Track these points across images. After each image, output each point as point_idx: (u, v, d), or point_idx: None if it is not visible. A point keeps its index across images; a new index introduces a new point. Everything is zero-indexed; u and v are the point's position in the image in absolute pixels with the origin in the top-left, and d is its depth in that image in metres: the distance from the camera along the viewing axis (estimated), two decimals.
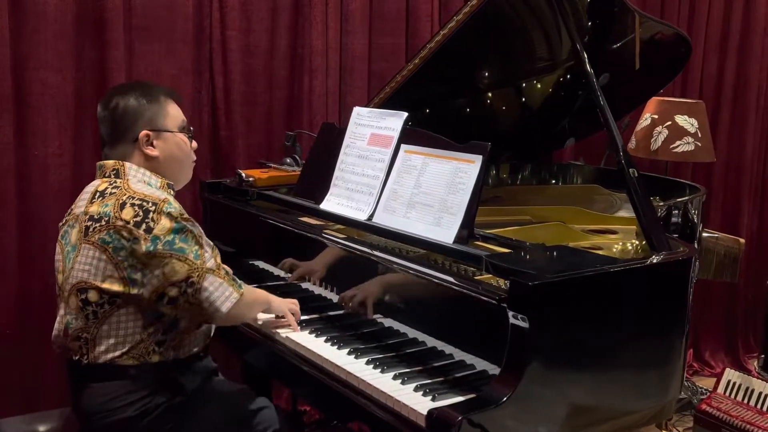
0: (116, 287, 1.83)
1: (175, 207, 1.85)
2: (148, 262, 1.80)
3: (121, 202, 1.84)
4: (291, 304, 2.11)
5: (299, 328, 2.07)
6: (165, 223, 1.81)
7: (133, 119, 1.93)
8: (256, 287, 2.27)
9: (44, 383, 2.66)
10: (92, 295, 1.85)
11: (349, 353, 1.90)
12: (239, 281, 1.94)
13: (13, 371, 2.64)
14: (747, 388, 3.18)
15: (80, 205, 1.94)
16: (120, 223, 1.81)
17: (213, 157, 2.99)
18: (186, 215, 1.87)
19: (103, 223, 1.83)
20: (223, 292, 1.87)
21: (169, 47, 2.80)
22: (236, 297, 1.89)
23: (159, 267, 1.81)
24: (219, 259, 1.92)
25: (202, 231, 1.91)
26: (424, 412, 1.59)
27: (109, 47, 2.66)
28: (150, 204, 1.83)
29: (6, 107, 2.53)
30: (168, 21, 2.78)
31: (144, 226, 1.80)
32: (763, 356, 3.45)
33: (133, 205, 1.83)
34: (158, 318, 1.88)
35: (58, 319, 1.96)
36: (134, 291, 1.83)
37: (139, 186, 1.90)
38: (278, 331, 2.06)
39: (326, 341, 1.98)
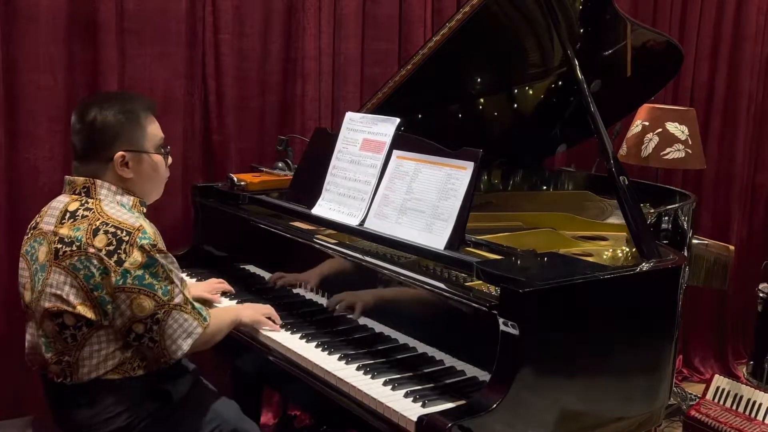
0: (89, 314, 1.78)
1: (148, 237, 1.79)
2: (116, 296, 1.77)
3: (94, 227, 1.78)
4: (263, 309, 2.10)
5: (281, 329, 2.07)
6: (137, 256, 1.77)
7: (110, 138, 1.86)
8: (239, 301, 2.28)
9: (31, 388, 2.64)
10: (68, 319, 1.80)
11: (340, 359, 1.90)
12: (205, 313, 1.90)
13: (0, 376, 2.63)
14: (736, 395, 3.19)
15: (48, 221, 1.87)
16: (92, 250, 1.76)
17: (205, 161, 2.99)
18: (158, 246, 1.81)
19: (75, 248, 1.78)
20: (186, 328, 1.84)
21: (162, 51, 2.79)
22: (199, 332, 1.85)
23: (126, 302, 1.77)
24: (187, 291, 1.87)
25: (173, 260, 1.86)
26: (414, 419, 1.59)
27: (102, 50, 2.65)
28: (124, 233, 1.77)
29: None
30: (161, 24, 2.77)
31: (116, 257, 1.76)
32: (752, 363, 3.46)
33: (106, 232, 1.77)
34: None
35: (28, 337, 1.92)
36: (105, 322, 1.80)
37: (113, 209, 1.83)
38: (268, 336, 2.06)
39: (317, 347, 1.98)
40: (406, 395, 1.71)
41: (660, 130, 3.36)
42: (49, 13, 2.57)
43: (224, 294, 2.37)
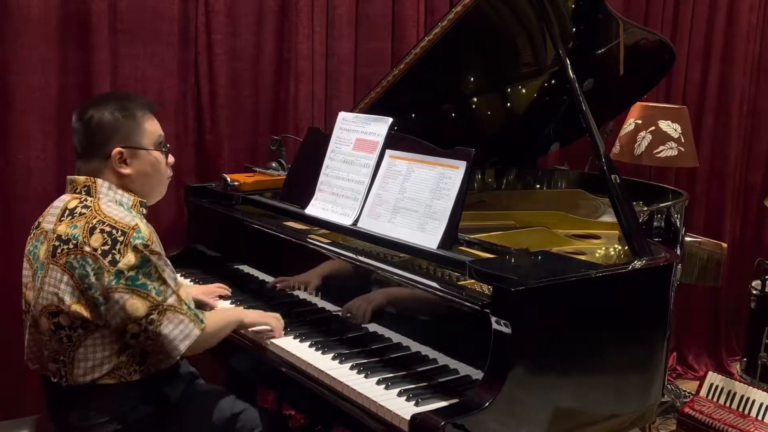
0: (85, 314, 1.78)
1: (143, 236, 1.79)
2: (109, 296, 1.76)
3: (90, 226, 1.78)
4: (269, 318, 2.07)
5: (283, 333, 2.07)
6: (130, 257, 1.76)
7: (107, 135, 1.87)
8: (233, 303, 2.27)
9: (28, 389, 2.64)
10: (63, 320, 1.80)
11: (333, 358, 1.91)
12: (202, 315, 1.89)
13: None
14: (729, 392, 3.20)
15: (49, 220, 1.88)
16: (88, 249, 1.76)
17: (198, 161, 2.98)
18: (152, 246, 1.80)
19: (71, 246, 1.78)
20: (183, 330, 1.82)
21: (155, 51, 2.79)
22: (196, 334, 1.84)
23: (119, 302, 1.76)
24: (183, 292, 1.87)
25: (168, 262, 1.85)
26: (408, 417, 1.60)
27: (94, 51, 2.65)
28: (119, 233, 1.77)
29: None
30: (153, 25, 2.77)
31: (110, 257, 1.75)
32: (745, 359, 3.48)
33: (102, 231, 1.77)
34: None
35: (28, 336, 1.93)
36: (100, 323, 1.79)
37: (111, 207, 1.83)
38: (263, 336, 2.06)
39: (310, 346, 1.98)
40: (400, 394, 1.71)
41: (653, 128, 3.37)
42: (41, 13, 2.56)
43: (221, 296, 2.37)
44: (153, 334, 1.80)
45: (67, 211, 1.84)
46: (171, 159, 2.01)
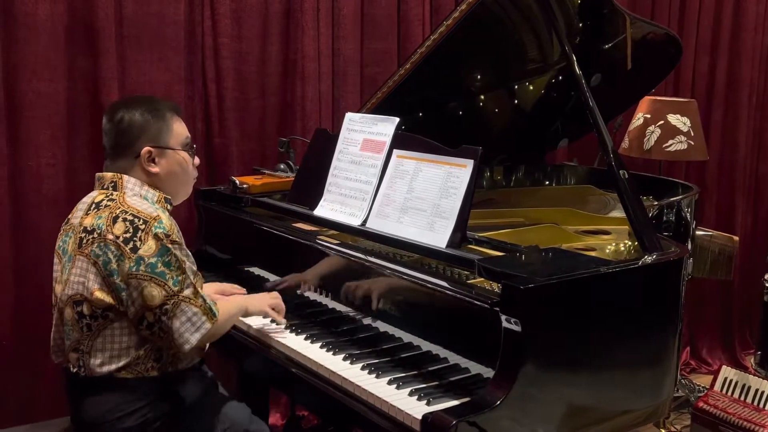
0: (107, 300, 1.83)
1: (164, 227, 1.83)
2: (129, 282, 1.80)
3: (114, 215, 1.84)
4: (270, 299, 2.11)
5: (284, 321, 2.08)
6: (151, 244, 1.80)
7: (137, 134, 1.93)
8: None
9: (41, 394, 2.66)
10: (86, 308, 1.85)
11: (345, 359, 1.91)
12: (215, 309, 1.90)
13: (10, 382, 2.64)
14: (744, 385, 3.19)
15: (77, 215, 1.94)
16: (110, 237, 1.81)
17: (207, 164, 2.99)
18: (174, 237, 1.84)
19: (96, 235, 1.84)
20: (195, 322, 1.84)
21: (161, 55, 2.80)
22: (207, 327, 1.86)
23: (138, 289, 1.80)
24: (201, 285, 1.89)
25: (189, 253, 1.89)
26: (419, 417, 1.60)
27: (101, 56, 2.66)
28: (141, 221, 1.82)
29: None
30: (159, 29, 2.78)
31: (131, 244, 1.80)
32: (759, 353, 3.46)
33: (125, 220, 1.83)
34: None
35: (54, 329, 1.96)
36: (122, 309, 1.83)
37: (135, 200, 1.89)
38: (273, 337, 2.07)
39: (321, 347, 1.99)
40: (411, 393, 1.71)
41: (662, 122, 3.36)
42: (48, 20, 2.58)
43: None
44: (165, 325, 1.82)
45: (94, 205, 1.90)
46: (197, 160, 2.08)
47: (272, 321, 2.14)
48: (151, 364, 1.89)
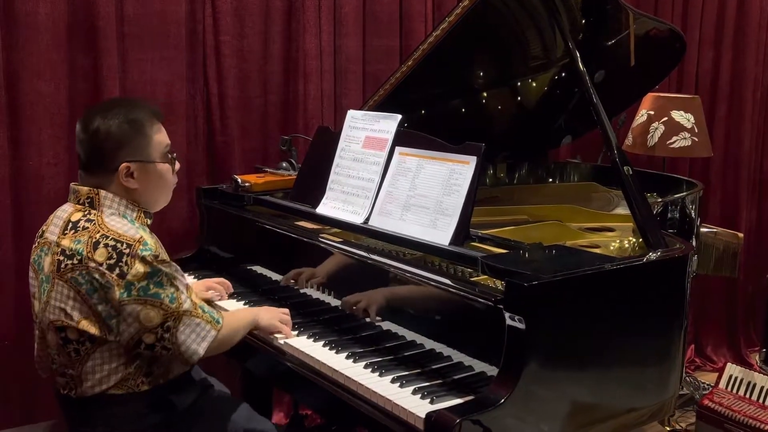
0: (93, 330, 1.77)
1: (150, 248, 1.76)
2: (122, 309, 1.74)
3: (94, 240, 1.76)
4: (281, 315, 2.07)
5: (294, 334, 2.06)
6: (139, 267, 1.73)
7: (115, 148, 1.82)
8: (246, 304, 2.27)
9: (42, 395, 2.65)
10: (71, 334, 1.79)
11: (348, 357, 1.90)
12: (217, 315, 1.88)
13: (11, 382, 2.64)
14: (749, 383, 3.17)
15: (52, 230, 1.86)
16: (92, 264, 1.74)
17: (209, 162, 2.99)
18: (161, 256, 1.78)
19: (75, 261, 1.76)
20: (200, 333, 1.81)
21: (163, 54, 2.79)
22: (213, 335, 1.83)
23: (133, 315, 1.74)
24: (194, 296, 1.85)
25: (177, 267, 1.84)
26: (423, 415, 1.59)
27: (102, 56, 2.65)
28: (124, 246, 1.74)
29: None
30: (160, 28, 2.77)
31: (117, 270, 1.73)
32: (764, 350, 3.44)
33: (106, 246, 1.74)
34: (140, 354, 1.83)
35: (36, 346, 1.92)
36: (111, 338, 1.78)
37: (114, 221, 1.80)
38: (276, 336, 2.06)
39: (324, 345, 1.98)
40: (415, 392, 1.70)
41: (665, 118, 3.34)
42: (49, 20, 2.57)
43: (232, 296, 2.37)
44: (169, 342, 1.79)
45: (71, 224, 1.82)
46: (177, 166, 1.98)
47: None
48: (141, 380, 1.85)
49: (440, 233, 1.97)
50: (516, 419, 1.60)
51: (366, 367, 1.84)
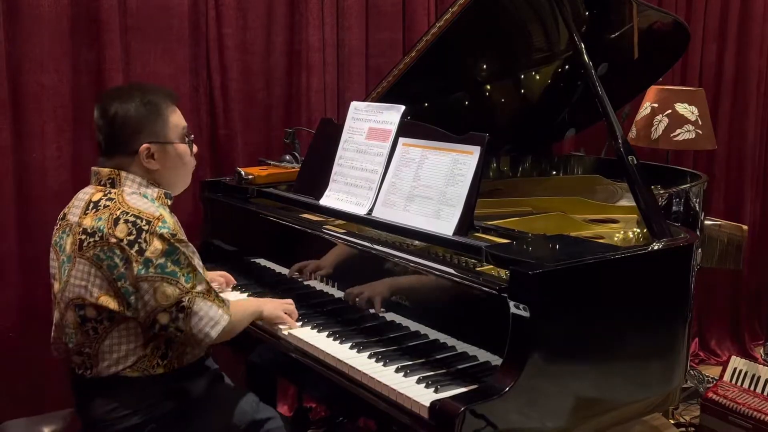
0: (112, 305, 1.79)
1: (168, 226, 1.80)
2: (139, 285, 1.77)
3: (114, 217, 1.79)
4: (285, 305, 2.08)
5: (298, 324, 2.06)
6: (157, 245, 1.76)
7: (134, 131, 1.86)
8: (250, 296, 2.27)
9: (48, 385, 2.66)
10: (90, 312, 1.82)
11: (351, 347, 1.90)
12: (226, 301, 1.89)
13: (17, 374, 2.64)
14: (753, 376, 3.17)
15: (74, 212, 1.89)
16: (113, 240, 1.77)
17: (212, 155, 2.98)
18: (179, 235, 1.81)
19: (97, 238, 1.79)
20: (213, 317, 1.83)
21: (166, 47, 2.79)
22: (226, 319, 1.85)
23: (149, 291, 1.77)
24: (208, 280, 1.87)
25: (195, 250, 1.86)
26: (427, 404, 1.59)
27: (105, 48, 2.65)
28: (143, 222, 1.78)
29: (2, 110, 2.52)
30: (164, 21, 2.77)
31: (136, 246, 1.76)
32: None
33: (126, 221, 1.77)
34: (156, 336, 1.85)
35: (54, 323, 1.95)
36: (129, 313, 1.80)
37: (134, 199, 1.84)
38: (280, 327, 2.06)
39: (328, 336, 1.98)
40: (419, 381, 1.70)
41: (669, 111, 3.33)
42: (52, 12, 2.57)
43: (235, 287, 2.37)
44: (183, 323, 1.80)
45: (92, 204, 1.86)
46: (195, 148, 2.02)
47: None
48: (156, 362, 1.87)
49: (444, 223, 1.96)
50: (520, 408, 1.60)
51: (370, 357, 1.84)
